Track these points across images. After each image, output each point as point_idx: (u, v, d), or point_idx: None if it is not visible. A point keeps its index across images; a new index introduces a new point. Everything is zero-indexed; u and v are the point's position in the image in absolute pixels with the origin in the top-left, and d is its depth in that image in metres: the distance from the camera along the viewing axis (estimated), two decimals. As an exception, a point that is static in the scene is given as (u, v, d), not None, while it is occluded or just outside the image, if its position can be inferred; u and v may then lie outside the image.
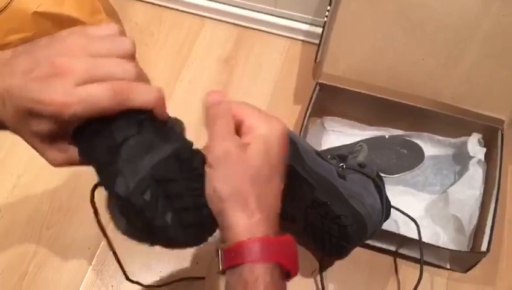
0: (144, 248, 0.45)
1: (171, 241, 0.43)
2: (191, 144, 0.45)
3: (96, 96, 0.38)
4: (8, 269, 0.77)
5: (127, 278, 0.64)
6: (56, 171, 0.84)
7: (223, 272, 0.44)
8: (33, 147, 0.43)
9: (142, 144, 0.41)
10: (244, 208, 0.43)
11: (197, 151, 0.45)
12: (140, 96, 0.40)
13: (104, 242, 0.78)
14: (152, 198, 0.40)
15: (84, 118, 0.39)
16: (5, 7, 0.78)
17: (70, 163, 0.45)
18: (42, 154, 0.43)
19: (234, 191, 0.43)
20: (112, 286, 0.76)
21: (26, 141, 0.42)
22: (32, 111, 0.38)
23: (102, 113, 0.39)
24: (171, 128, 0.44)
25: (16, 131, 0.41)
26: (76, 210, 0.82)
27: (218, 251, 0.44)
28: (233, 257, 0.43)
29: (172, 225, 0.42)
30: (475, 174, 0.79)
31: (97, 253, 0.78)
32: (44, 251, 0.78)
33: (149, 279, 0.76)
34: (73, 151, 0.44)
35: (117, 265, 0.59)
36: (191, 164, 0.43)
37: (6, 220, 0.81)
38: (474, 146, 0.82)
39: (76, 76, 0.38)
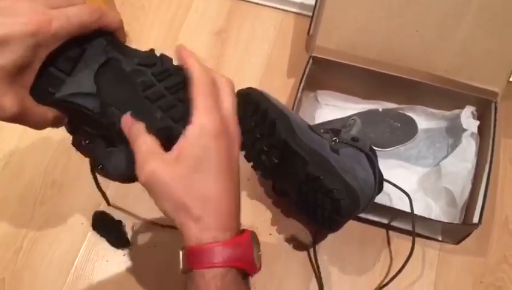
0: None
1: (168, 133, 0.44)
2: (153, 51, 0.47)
3: (77, 12, 0.40)
4: (2, 244, 0.77)
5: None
6: (48, 147, 0.85)
7: (185, 273, 0.45)
8: None
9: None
10: (189, 217, 0.43)
11: (162, 55, 0.47)
12: (109, 17, 0.43)
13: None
14: None
15: (61, 39, 0.40)
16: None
17: (27, 112, 0.42)
18: None
19: (175, 205, 0.43)
20: (107, 260, 0.76)
21: None
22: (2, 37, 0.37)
23: (79, 32, 0.41)
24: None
25: None
26: (70, 186, 0.82)
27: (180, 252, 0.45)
28: (186, 261, 0.44)
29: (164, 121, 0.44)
30: (468, 147, 0.80)
31: (91, 228, 0.78)
32: (38, 227, 0.78)
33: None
34: (33, 102, 0.43)
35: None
36: (162, 66, 0.45)
37: (-1, 197, 0.81)
38: (468, 119, 0.82)
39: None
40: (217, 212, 0.44)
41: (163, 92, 0.44)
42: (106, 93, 0.44)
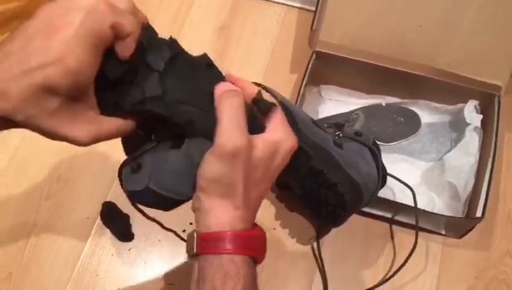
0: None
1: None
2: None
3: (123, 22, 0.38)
4: (8, 239, 0.78)
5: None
6: (54, 142, 0.85)
7: (194, 255, 0.45)
8: (55, 132, 0.38)
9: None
10: (233, 201, 0.45)
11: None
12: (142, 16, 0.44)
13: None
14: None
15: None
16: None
17: (101, 133, 0.41)
18: (68, 135, 0.38)
19: (229, 182, 0.44)
20: (112, 254, 0.77)
21: (43, 129, 0.37)
22: (41, 80, 0.34)
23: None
24: None
25: (27, 120, 0.36)
26: (75, 180, 0.82)
27: (193, 233, 0.46)
28: (212, 245, 0.44)
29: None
30: (471, 141, 0.80)
31: (97, 222, 0.79)
32: (44, 222, 0.79)
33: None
34: (102, 118, 0.41)
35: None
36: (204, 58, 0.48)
37: (4, 192, 0.81)
38: (471, 113, 0.82)
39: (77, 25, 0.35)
40: (253, 208, 0.48)
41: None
42: (174, 93, 0.43)
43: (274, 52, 0.96)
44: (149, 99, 0.41)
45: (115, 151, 0.83)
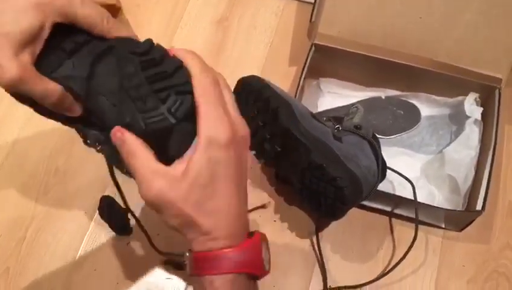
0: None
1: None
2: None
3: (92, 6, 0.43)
4: (6, 234, 0.77)
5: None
6: (51, 135, 0.85)
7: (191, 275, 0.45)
8: None
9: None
10: (198, 232, 0.43)
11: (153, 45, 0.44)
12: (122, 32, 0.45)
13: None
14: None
15: (67, 16, 0.41)
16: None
17: (29, 76, 0.41)
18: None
19: (183, 222, 0.42)
20: (110, 249, 0.76)
21: None
22: None
23: (86, 23, 0.43)
24: None
25: None
26: (73, 174, 0.82)
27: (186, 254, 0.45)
28: (194, 266, 0.44)
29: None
30: (471, 134, 0.79)
31: (94, 217, 0.78)
32: (42, 216, 0.79)
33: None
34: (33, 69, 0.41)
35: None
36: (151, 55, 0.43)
37: (2, 186, 0.81)
38: (471, 106, 0.81)
39: None
40: (227, 223, 0.43)
41: (141, 82, 0.42)
42: (97, 80, 0.43)
43: (273, 45, 0.95)
44: (76, 78, 0.43)
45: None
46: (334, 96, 0.89)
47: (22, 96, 0.42)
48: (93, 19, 0.43)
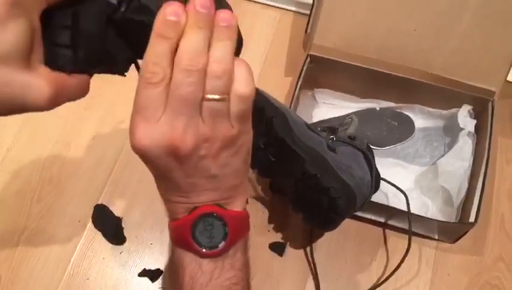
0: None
1: None
2: None
3: None
4: (-2, 242, 0.77)
5: None
6: (46, 142, 0.85)
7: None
8: (7, 84, 0.35)
9: None
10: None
11: None
12: None
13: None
14: None
15: None
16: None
17: (65, 83, 0.38)
18: (26, 88, 0.35)
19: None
20: (104, 258, 0.76)
21: None
22: None
23: None
24: None
25: None
26: (67, 182, 0.82)
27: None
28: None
29: None
30: (465, 146, 0.80)
31: (88, 225, 0.78)
32: (35, 224, 0.78)
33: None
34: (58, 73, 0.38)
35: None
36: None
37: (-4, 194, 0.81)
38: (465, 118, 0.82)
39: None
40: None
41: None
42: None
43: (269, 55, 0.96)
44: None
45: (108, 152, 0.84)
46: (329, 106, 0.90)
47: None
48: None
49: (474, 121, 0.82)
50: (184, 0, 0.37)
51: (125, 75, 0.43)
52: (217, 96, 0.38)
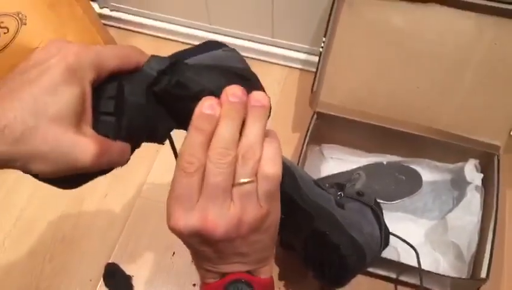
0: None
1: None
2: None
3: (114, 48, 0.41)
4: (10, 302, 0.77)
5: None
6: (59, 202, 0.86)
7: None
8: (57, 142, 0.36)
9: None
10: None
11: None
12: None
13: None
14: None
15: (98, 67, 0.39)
16: (7, 44, 0.80)
17: (108, 148, 0.40)
18: (74, 147, 0.37)
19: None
20: (114, 317, 0.76)
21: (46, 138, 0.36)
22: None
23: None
24: None
25: (31, 130, 0.35)
26: (79, 241, 0.83)
27: None
28: None
29: None
30: (473, 200, 0.80)
31: (99, 285, 0.78)
32: (48, 283, 0.79)
33: None
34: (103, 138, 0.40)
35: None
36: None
37: (9, 253, 0.82)
38: (471, 172, 0.83)
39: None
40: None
41: None
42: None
43: (276, 112, 0.97)
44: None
45: (119, 210, 0.85)
46: (337, 161, 0.91)
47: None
48: (124, 53, 0.42)
49: (481, 175, 0.82)
50: None
51: (163, 143, 0.47)
52: (246, 180, 0.39)
